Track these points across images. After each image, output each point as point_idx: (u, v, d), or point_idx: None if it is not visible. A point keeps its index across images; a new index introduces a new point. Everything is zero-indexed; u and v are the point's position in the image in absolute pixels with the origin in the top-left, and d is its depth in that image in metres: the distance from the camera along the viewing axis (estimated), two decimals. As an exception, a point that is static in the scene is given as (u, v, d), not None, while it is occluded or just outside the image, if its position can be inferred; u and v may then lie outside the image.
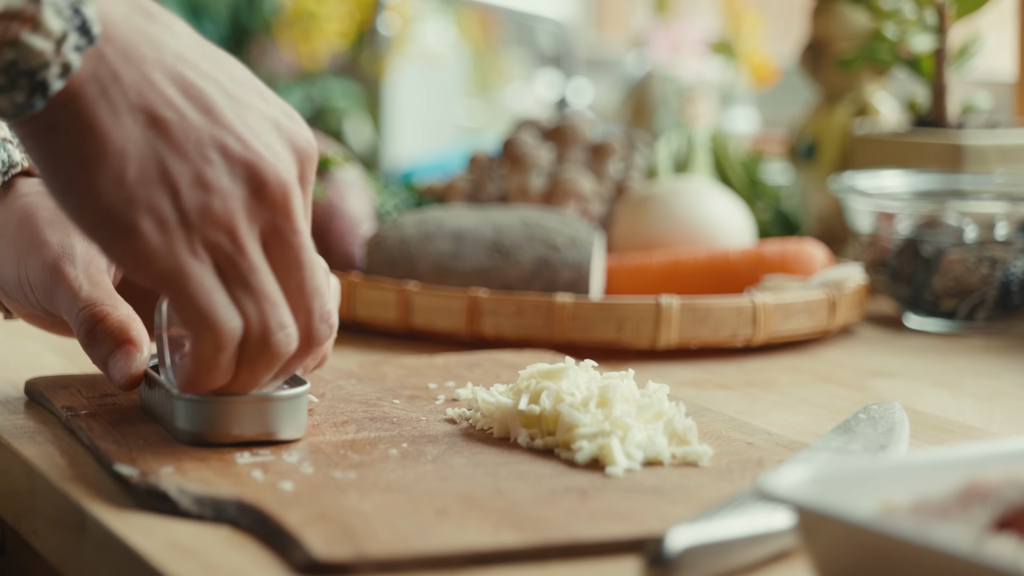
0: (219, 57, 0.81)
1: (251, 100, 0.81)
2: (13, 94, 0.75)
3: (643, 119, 2.02)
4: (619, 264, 1.30)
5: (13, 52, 0.74)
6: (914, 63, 1.45)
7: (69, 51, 0.75)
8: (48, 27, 0.74)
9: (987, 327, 1.29)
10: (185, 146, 0.78)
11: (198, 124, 0.78)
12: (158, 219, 0.77)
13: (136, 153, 0.77)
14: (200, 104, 0.78)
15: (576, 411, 0.84)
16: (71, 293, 0.90)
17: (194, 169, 0.77)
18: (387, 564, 0.69)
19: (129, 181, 0.77)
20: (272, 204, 0.79)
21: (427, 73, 2.76)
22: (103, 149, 0.76)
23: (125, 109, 0.77)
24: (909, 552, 0.56)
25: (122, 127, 0.77)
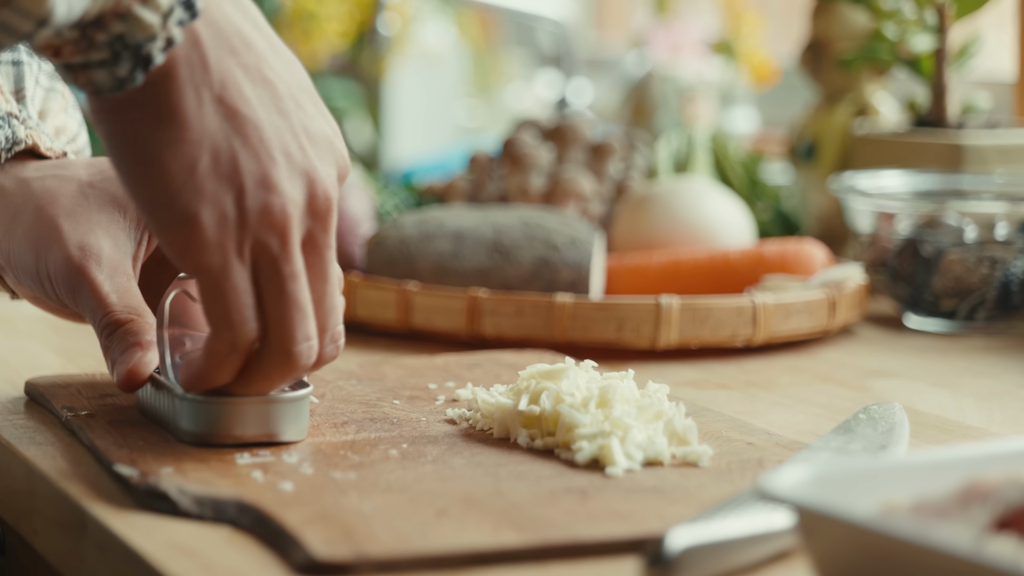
0: (291, 60, 0.82)
1: (312, 110, 0.82)
2: (116, 67, 0.75)
3: (643, 119, 2.03)
4: (619, 264, 1.30)
5: (122, 25, 0.74)
6: (914, 63, 1.46)
7: (173, 25, 0.76)
8: (159, 2, 0.75)
9: (987, 327, 1.29)
10: (258, 145, 0.79)
11: (272, 125, 0.79)
12: (219, 214, 0.78)
13: (211, 144, 0.78)
14: (275, 105, 0.79)
15: (576, 411, 0.84)
16: (97, 299, 0.90)
17: (262, 169, 0.78)
18: (387, 564, 0.69)
19: (200, 171, 0.77)
20: (316, 214, 0.80)
21: (427, 73, 2.77)
22: (181, 135, 0.77)
23: (208, 98, 0.78)
24: (909, 552, 0.56)
25: (203, 116, 0.78)
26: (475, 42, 2.81)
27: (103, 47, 0.75)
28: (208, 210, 0.78)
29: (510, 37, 3.00)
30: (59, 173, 0.94)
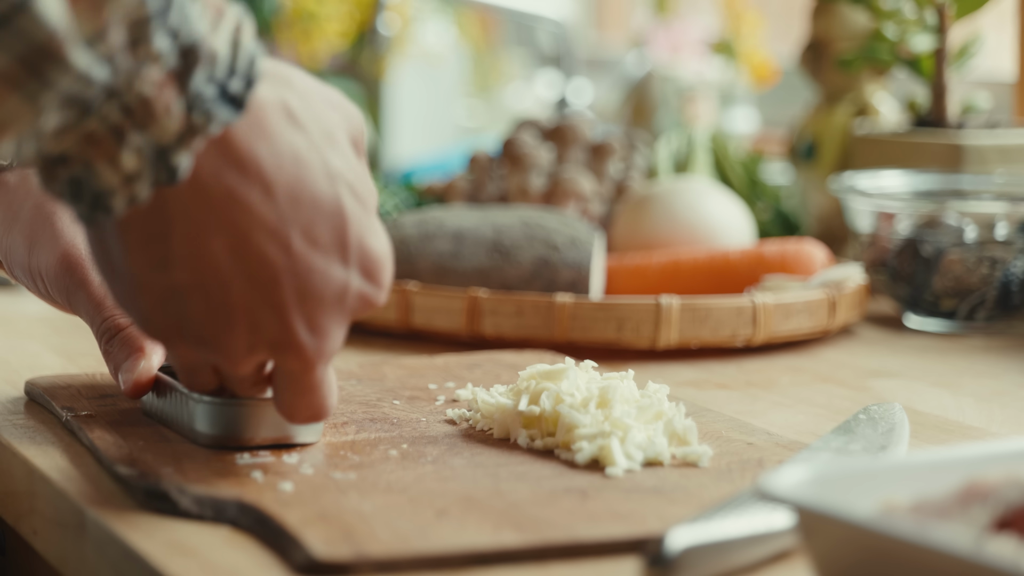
0: (308, 199, 0.75)
1: (324, 264, 0.76)
2: (77, 205, 0.72)
3: (643, 119, 2.02)
4: (619, 264, 1.30)
5: (82, 170, 0.71)
6: (914, 63, 1.46)
7: (142, 186, 0.72)
8: (124, 166, 0.71)
9: (987, 327, 1.29)
10: (211, 318, 0.75)
11: (239, 300, 0.75)
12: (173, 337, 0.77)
13: (157, 294, 0.75)
14: (256, 278, 0.75)
15: (576, 412, 0.84)
16: (93, 302, 0.89)
17: (219, 337, 0.76)
18: (387, 564, 0.69)
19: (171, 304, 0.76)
20: (290, 367, 0.78)
21: (427, 73, 2.76)
22: (127, 271, 0.75)
23: (181, 255, 0.74)
24: (909, 552, 0.56)
25: (142, 263, 0.75)
26: (475, 42, 2.80)
27: (62, 183, 0.72)
28: (159, 336, 0.77)
29: (510, 37, 3.00)
30: None
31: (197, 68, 0.71)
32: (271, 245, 0.75)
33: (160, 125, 0.71)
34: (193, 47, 0.71)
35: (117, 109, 0.70)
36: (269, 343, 0.76)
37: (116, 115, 0.70)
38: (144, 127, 0.70)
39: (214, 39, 0.72)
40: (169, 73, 0.70)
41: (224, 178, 0.74)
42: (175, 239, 0.74)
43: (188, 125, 0.71)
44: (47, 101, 0.67)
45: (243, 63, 0.73)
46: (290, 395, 0.79)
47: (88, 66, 0.67)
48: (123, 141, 0.70)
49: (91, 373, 0.99)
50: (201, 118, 0.72)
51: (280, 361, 0.78)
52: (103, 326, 0.89)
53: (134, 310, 0.76)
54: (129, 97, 0.70)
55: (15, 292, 1.38)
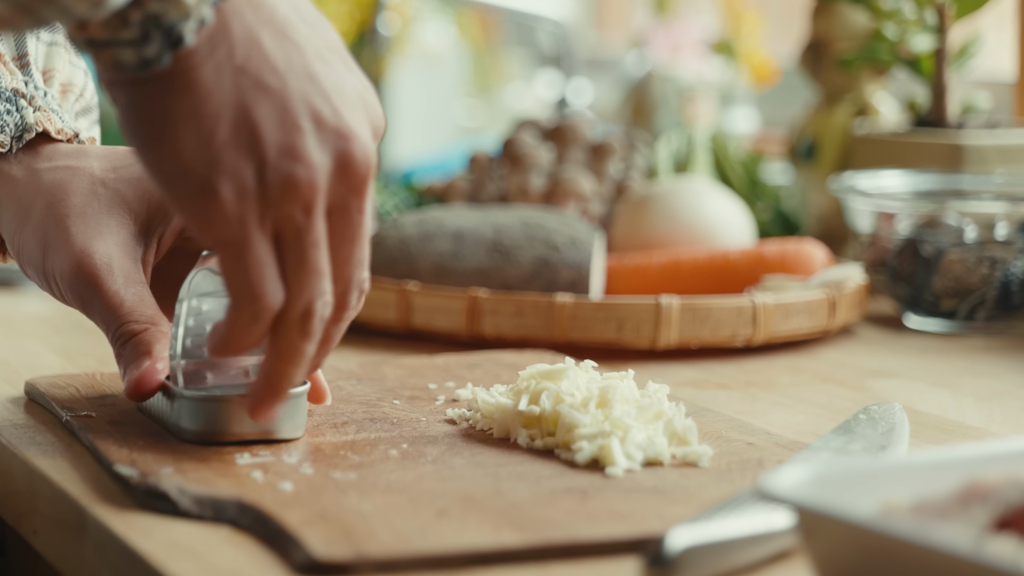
0: (317, 20, 0.79)
1: (342, 69, 0.79)
2: (145, 47, 0.74)
3: (643, 119, 2.02)
4: (619, 264, 1.30)
5: (159, 4, 0.73)
6: (914, 63, 1.46)
7: (206, 5, 0.74)
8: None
9: (987, 327, 1.29)
10: (282, 114, 0.76)
11: (299, 91, 0.77)
12: (238, 186, 0.76)
13: (231, 116, 0.76)
14: (302, 70, 0.77)
15: (576, 412, 0.84)
16: (109, 308, 0.88)
17: (287, 139, 0.76)
18: (387, 564, 0.69)
19: (217, 143, 0.75)
20: (351, 181, 0.78)
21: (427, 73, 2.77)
22: (198, 108, 0.75)
23: (229, 69, 0.76)
24: (909, 552, 0.56)
25: (222, 87, 0.76)
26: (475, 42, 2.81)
27: (135, 26, 0.73)
28: (226, 182, 0.76)
29: (510, 37, 3.00)
30: (71, 164, 0.92)
31: None
32: (306, 34, 0.78)
33: None
34: None
35: None
36: (331, 136, 0.77)
37: None
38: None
39: None
40: None
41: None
42: (237, 49, 0.75)
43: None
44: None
45: None
46: None
47: None
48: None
49: (91, 373, 0.99)
50: None
51: (342, 164, 0.78)
52: (118, 331, 0.88)
53: (201, 157, 0.76)
54: None
55: (15, 292, 1.38)
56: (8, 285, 1.40)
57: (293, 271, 0.78)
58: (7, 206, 0.92)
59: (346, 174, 0.78)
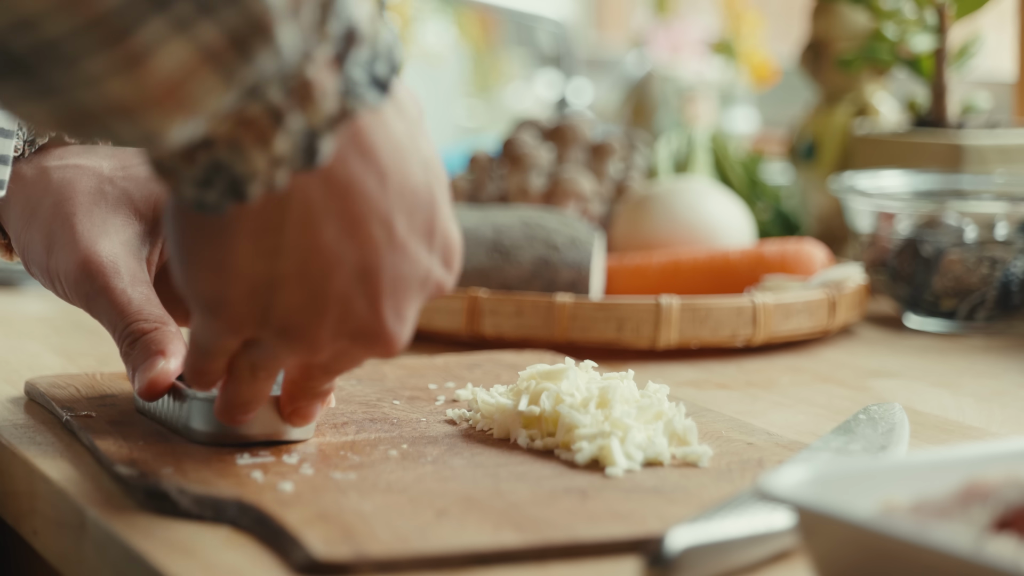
0: (410, 187, 0.74)
1: (416, 250, 0.75)
2: (205, 191, 0.70)
3: (643, 119, 2.02)
4: (619, 264, 1.30)
5: (229, 153, 0.69)
6: (914, 63, 1.46)
7: (284, 172, 0.70)
8: (275, 150, 0.69)
9: (987, 327, 1.29)
10: (309, 303, 0.74)
11: (337, 289, 0.74)
12: (237, 328, 0.75)
13: (253, 284, 0.73)
14: (353, 267, 0.73)
15: (576, 412, 0.84)
16: (116, 308, 0.88)
17: (302, 323, 0.74)
18: (387, 564, 0.69)
19: (232, 298, 0.74)
20: (358, 359, 0.77)
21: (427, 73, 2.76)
22: (225, 259, 0.73)
23: (270, 246, 0.72)
24: (909, 552, 0.56)
25: (257, 259, 0.73)
26: (475, 42, 2.80)
27: (199, 167, 0.70)
28: (227, 327, 0.75)
29: (510, 37, 3.00)
30: (80, 163, 0.91)
31: (352, 50, 0.70)
32: (380, 231, 0.73)
33: (316, 108, 0.69)
34: (353, 30, 0.69)
35: (281, 91, 0.68)
36: (354, 331, 0.75)
37: (279, 97, 0.68)
38: (302, 109, 0.69)
39: (364, 21, 0.71)
40: (333, 56, 0.69)
41: (349, 165, 0.72)
42: (289, 228, 0.72)
43: (341, 109, 0.70)
44: (242, 80, 0.65)
45: (384, 47, 0.72)
46: None
47: (288, 47, 0.65)
48: (280, 124, 0.68)
49: (91, 373, 0.99)
50: (352, 101, 0.70)
51: (362, 349, 0.76)
52: (125, 331, 0.87)
53: (211, 297, 0.74)
54: (295, 78, 0.68)
55: (15, 292, 1.38)
56: (8, 285, 1.40)
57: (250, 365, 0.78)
58: (15, 204, 0.91)
59: (357, 356, 0.77)
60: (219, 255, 0.73)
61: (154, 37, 0.62)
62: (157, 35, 0.62)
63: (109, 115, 0.64)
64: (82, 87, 0.62)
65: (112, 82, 0.62)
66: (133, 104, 0.63)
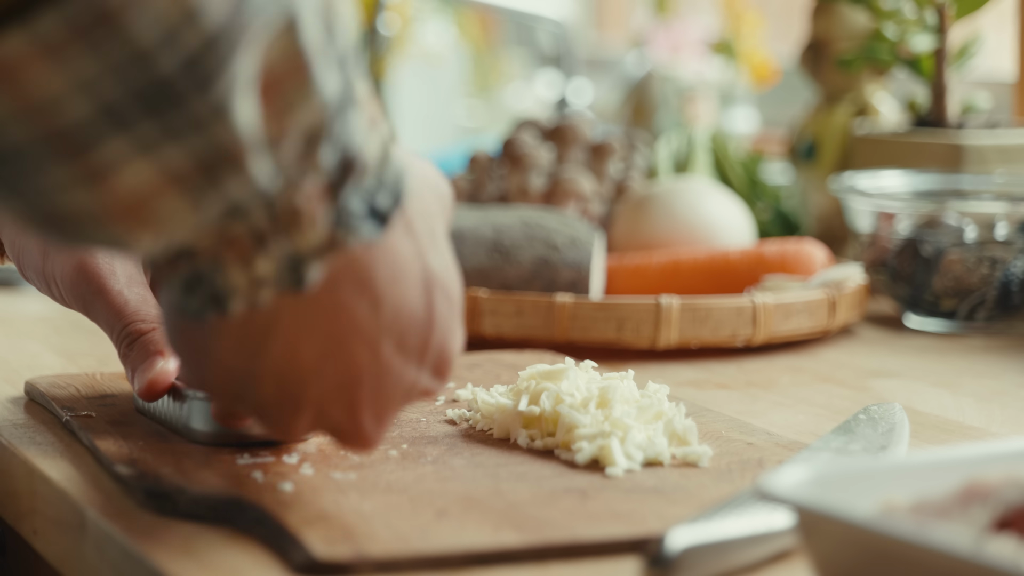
0: (407, 311, 0.73)
1: (402, 369, 0.74)
2: (188, 298, 0.69)
3: (643, 119, 2.03)
4: (619, 264, 1.30)
5: (210, 267, 0.68)
6: (914, 63, 1.46)
7: (266, 292, 0.69)
8: (256, 271, 0.68)
9: (987, 327, 1.29)
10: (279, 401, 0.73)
11: (313, 394, 0.72)
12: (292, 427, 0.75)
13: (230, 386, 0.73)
14: (334, 379, 0.72)
15: (576, 412, 0.84)
16: (113, 310, 0.88)
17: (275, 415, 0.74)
18: (387, 564, 0.69)
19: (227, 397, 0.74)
20: None
21: (427, 73, 2.77)
22: (208, 372, 0.73)
23: (249, 351, 0.71)
24: (909, 552, 0.56)
25: (237, 363, 0.72)
26: (475, 42, 2.81)
27: (181, 276, 0.69)
28: (217, 399, 0.76)
29: (510, 37, 3.00)
30: None
31: (350, 181, 0.68)
32: (364, 352, 0.72)
33: (303, 235, 0.68)
34: (351, 159, 0.68)
35: (265, 215, 0.67)
36: (331, 429, 0.75)
37: (263, 220, 0.67)
38: (287, 235, 0.68)
39: (368, 151, 0.69)
40: (325, 185, 0.68)
41: (340, 291, 0.71)
42: (272, 337, 0.71)
43: (330, 238, 0.69)
44: (210, 204, 0.64)
45: (390, 177, 0.70)
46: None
47: (261, 176, 0.64)
48: (263, 246, 0.67)
49: (91, 373, 0.99)
50: (344, 233, 0.69)
51: (339, 442, 0.76)
52: (123, 332, 0.88)
53: (195, 375, 0.74)
54: (281, 205, 0.67)
55: (15, 292, 1.38)
56: (8, 285, 1.40)
57: None
58: None
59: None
60: (201, 340, 0.72)
61: (115, 156, 0.61)
62: (119, 154, 0.61)
63: (78, 220, 0.63)
64: (48, 192, 0.62)
65: (75, 192, 0.61)
66: (98, 215, 0.62)
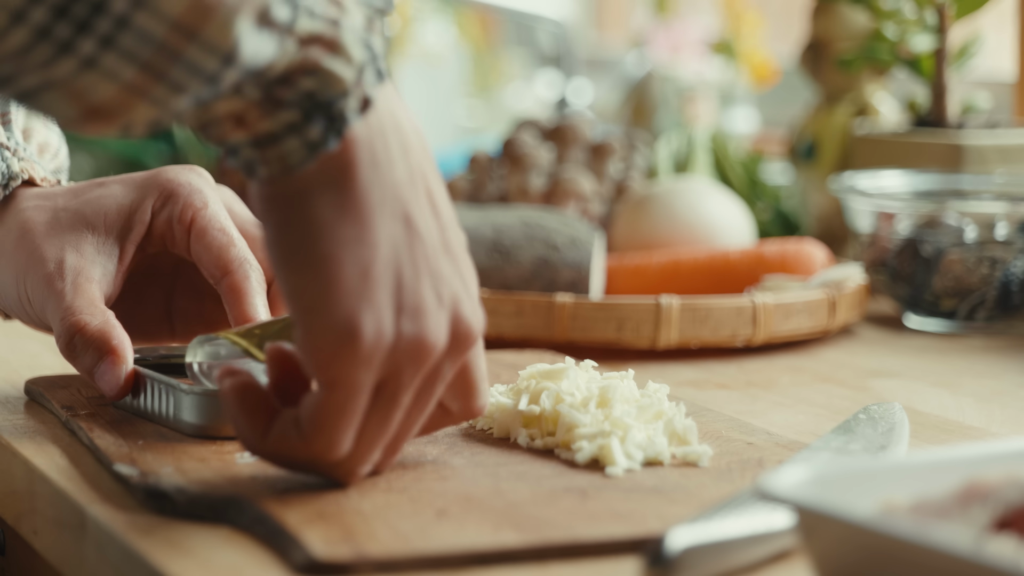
0: (443, 192, 0.75)
1: (455, 226, 0.76)
2: (307, 129, 0.70)
3: (643, 119, 2.03)
4: (619, 264, 1.30)
5: (312, 81, 0.69)
6: (914, 63, 1.46)
7: (368, 83, 0.70)
8: (349, 52, 0.70)
9: (987, 327, 1.29)
10: (421, 263, 0.73)
11: (432, 242, 0.73)
12: (379, 330, 0.72)
13: (387, 251, 0.72)
14: (435, 220, 0.74)
15: (576, 411, 0.84)
16: (56, 303, 0.90)
17: (421, 294, 0.73)
18: (387, 564, 0.69)
19: (373, 278, 0.72)
20: (453, 350, 0.75)
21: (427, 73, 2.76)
22: (361, 233, 0.72)
23: (389, 197, 0.72)
24: (909, 552, 0.56)
25: (384, 216, 0.72)
26: (475, 42, 2.80)
27: (292, 106, 0.70)
28: (371, 322, 0.71)
29: (510, 37, 3.00)
30: (40, 203, 0.93)
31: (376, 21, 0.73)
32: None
33: (346, 66, 0.70)
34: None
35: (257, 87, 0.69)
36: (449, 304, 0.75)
37: (328, 8, 0.70)
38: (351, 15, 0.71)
39: None
40: (367, 17, 0.72)
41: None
42: (390, 146, 0.72)
43: (361, 77, 0.71)
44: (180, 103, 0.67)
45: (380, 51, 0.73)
46: None
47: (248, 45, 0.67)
48: (341, 29, 0.70)
49: (91, 373, 0.99)
50: (373, 76, 0.72)
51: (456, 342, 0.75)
52: (61, 325, 0.89)
53: (348, 289, 0.72)
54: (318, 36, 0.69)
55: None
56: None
57: (370, 427, 0.75)
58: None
59: (451, 345, 0.75)
60: (353, 227, 0.72)
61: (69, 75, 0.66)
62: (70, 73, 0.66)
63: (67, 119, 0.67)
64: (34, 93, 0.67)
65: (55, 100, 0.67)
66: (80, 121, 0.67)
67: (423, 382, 0.75)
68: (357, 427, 0.74)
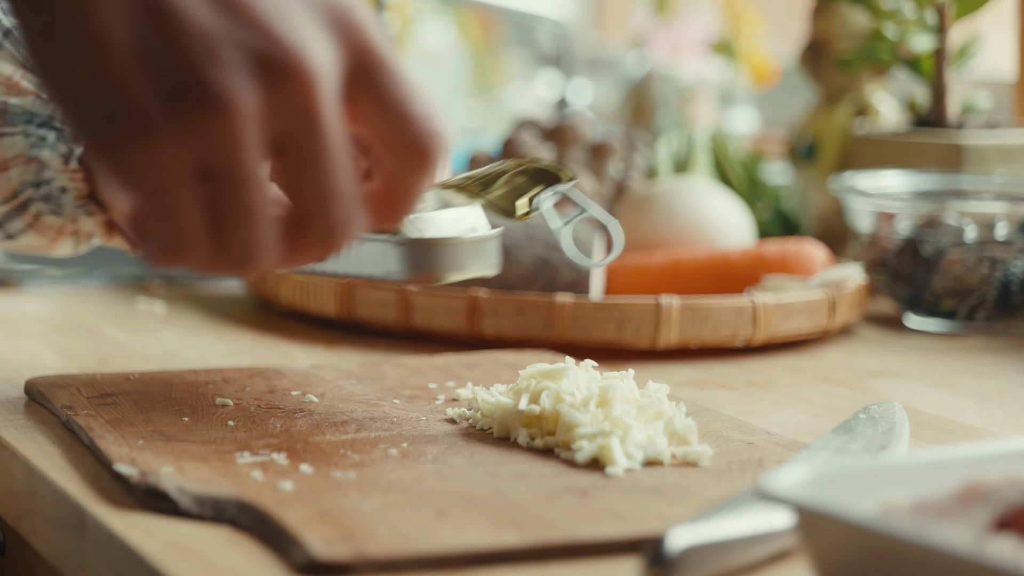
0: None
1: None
2: None
3: (643, 119, 2.02)
4: (619, 264, 1.30)
5: None
6: (914, 63, 1.46)
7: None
8: None
9: (987, 327, 1.29)
10: (186, 40, 0.64)
11: (207, 21, 0.64)
12: (141, 121, 0.64)
13: (121, 39, 0.64)
14: None
15: (576, 411, 0.84)
16: None
17: (192, 66, 0.64)
18: (387, 564, 0.69)
19: (112, 68, 0.64)
20: (289, 104, 0.65)
21: (427, 73, 2.76)
22: (86, 32, 0.64)
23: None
24: (909, 552, 0.56)
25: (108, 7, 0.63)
26: (475, 42, 2.80)
27: None
28: (130, 117, 0.64)
29: (510, 37, 2.99)
30: None
31: None
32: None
33: None
34: None
35: None
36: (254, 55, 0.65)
37: None
38: None
39: None
40: None
41: None
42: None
43: None
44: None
45: None
46: None
47: None
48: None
49: (91, 373, 0.99)
50: None
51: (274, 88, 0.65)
52: None
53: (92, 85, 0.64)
54: None
55: (15, 292, 1.38)
56: (8, 285, 1.40)
57: (225, 216, 0.67)
58: None
59: (280, 96, 0.65)
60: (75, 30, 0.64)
61: None
62: None
63: None
64: None
65: None
66: None
67: (275, 141, 0.66)
68: (197, 225, 0.67)
